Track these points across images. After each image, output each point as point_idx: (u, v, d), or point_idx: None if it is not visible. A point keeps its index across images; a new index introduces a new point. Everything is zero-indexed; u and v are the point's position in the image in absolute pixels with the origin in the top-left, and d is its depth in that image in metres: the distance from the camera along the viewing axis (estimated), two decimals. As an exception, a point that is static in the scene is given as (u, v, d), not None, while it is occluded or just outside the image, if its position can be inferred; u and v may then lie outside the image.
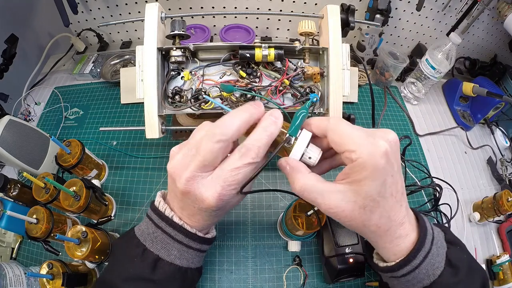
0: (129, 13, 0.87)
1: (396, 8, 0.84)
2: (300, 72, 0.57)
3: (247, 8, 0.86)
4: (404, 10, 0.85)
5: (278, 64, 0.58)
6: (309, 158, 0.32)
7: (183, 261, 0.34)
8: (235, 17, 0.87)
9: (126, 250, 0.35)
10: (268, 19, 0.90)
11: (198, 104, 0.56)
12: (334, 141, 0.30)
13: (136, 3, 0.85)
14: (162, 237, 0.33)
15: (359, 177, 0.27)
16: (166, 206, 0.34)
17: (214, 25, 0.91)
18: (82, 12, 0.87)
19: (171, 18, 0.55)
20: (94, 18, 0.89)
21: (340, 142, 0.29)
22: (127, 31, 0.94)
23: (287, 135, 0.31)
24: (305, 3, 0.85)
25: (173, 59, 0.55)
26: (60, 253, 0.55)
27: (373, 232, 0.30)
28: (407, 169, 0.72)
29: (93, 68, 0.87)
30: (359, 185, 0.28)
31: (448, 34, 0.78)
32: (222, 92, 0.55)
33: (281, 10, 0.87)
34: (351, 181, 0.28)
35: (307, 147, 0.32)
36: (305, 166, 0.32)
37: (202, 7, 0.86)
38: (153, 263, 0.33)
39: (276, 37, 0.96)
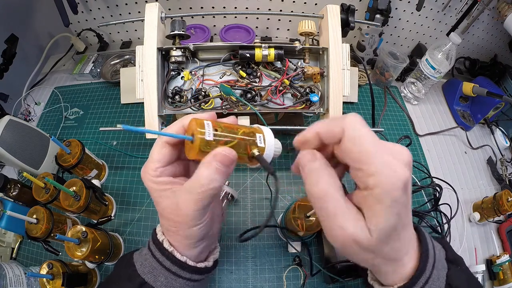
0: (129, 13, 0.87)
1: (396, 8, 0.84)
2: (300, 72, 0.57)
3: (247, 8, 0.86)
4: (404, 10, 0.85)
5: (278, 64, 0.58)
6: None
7: None
8: (235, 17, 0.87)
9: (120, 267, 0.34)
10: (268, 19, 0.91)
11: (198, 104, 0.56)
12: (349, 153, 0.25)
13: (136, 3, 0.85)
14: (151, 261, 0.32)
15: (374, 209, 0.24)
16: (161, 230, 0.33)
17: (214, 25, 0.91)
18: (82, 12, 0.87)
19: (171, 18, 0.55)
20: (94, 18, 0.89)
21: (357, 157, 0.24)
22: (127, 31, 0.94)
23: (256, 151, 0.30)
24: (305, 3, 0.85)
25: (173, 59, 0.55)
26: (60, 253, 0.55)
27: (375, 264, 0.27)
28: (407, 169, 0.72)
29: (93, 68, 0.87)
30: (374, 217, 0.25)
31: (448, 34, 0.78)
32: (222, 92, 0.55)
33: (281, 10, 0.87)
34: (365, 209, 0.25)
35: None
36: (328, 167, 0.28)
37: (202, 7, 0.86)
38: (139, 286, 0.31)
39: (276, 37, 0.96)
